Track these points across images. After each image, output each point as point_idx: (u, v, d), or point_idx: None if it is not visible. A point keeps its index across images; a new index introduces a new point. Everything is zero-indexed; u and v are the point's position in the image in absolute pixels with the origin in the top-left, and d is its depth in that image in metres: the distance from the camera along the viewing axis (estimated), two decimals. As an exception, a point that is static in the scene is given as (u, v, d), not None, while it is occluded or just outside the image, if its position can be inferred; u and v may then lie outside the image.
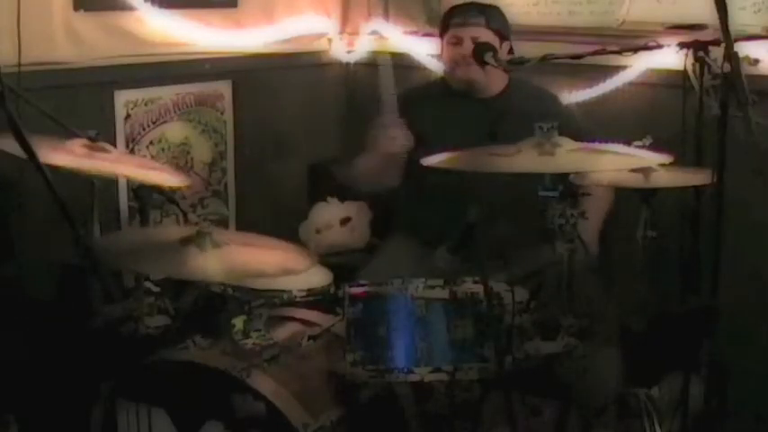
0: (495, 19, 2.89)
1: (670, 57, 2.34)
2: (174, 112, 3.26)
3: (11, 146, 1.44)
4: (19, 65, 2.61)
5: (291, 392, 2.12)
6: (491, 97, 2.94)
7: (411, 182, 2.95)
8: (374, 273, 2.64)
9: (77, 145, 2.30)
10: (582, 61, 2.62)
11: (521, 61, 2.77)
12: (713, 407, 2.14)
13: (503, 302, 2.11)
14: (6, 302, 2.70)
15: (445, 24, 2.95)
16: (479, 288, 2.08)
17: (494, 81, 2.92)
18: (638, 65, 3.06)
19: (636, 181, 2.30)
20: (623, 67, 3.10)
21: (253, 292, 2.27)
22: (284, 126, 3.60)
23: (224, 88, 3.42)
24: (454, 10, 2.95)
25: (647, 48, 2.49)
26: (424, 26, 3.67)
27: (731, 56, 1.88)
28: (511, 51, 2.95)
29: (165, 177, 2.54)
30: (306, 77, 3.74)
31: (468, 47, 2.84)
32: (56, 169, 1.84)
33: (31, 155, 1.44)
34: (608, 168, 2.34)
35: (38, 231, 2.66)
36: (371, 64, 3.75)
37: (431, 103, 2.99)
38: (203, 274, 2.13)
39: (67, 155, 2.23)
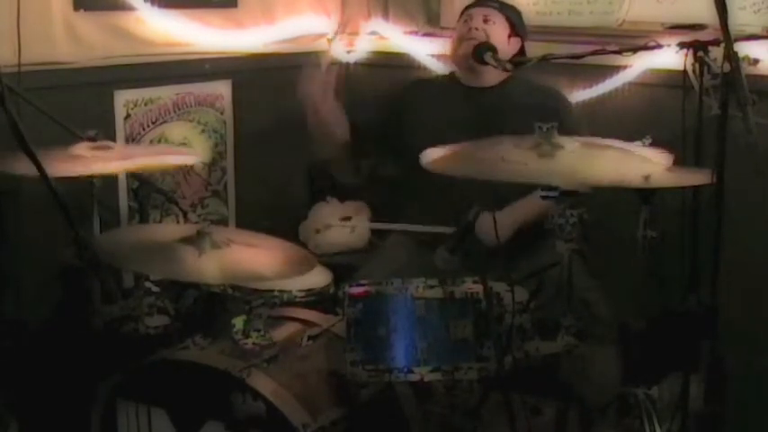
0: (510, 11, 2.96)
1: (670, 57, 2.33)
2: (174, 111, 3.26)
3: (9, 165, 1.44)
4: (19, 65, 2.61)
5: (291, 392, 2.12)
6: (486, 88, 2.96)
7: (411, 181, 2.95)
8: (374, 273, 2.63)
9: (81, 149, 2.31)
10: (582, 61, 2.63)
11: (521, 61, 2.78)
12: (713, 407, 2.13)
13: (502, 302, 2.11)
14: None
15: (461, 15, 3.01)
16: (479, 288, 2.08)
17: (489, 72, 2.92)
18: (638, 65, 3.06)
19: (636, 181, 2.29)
20: (623, 67, 3.10)
21: (253, 292, 2.27)
22: (284, 126, 3.59)
23: (224, 88, 3.41)
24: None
25: (646, 48, 2.49)
26: (423, 26, 3.67)
27: (731, 56, 1.88)
28: (522, 51, 2.98)
29: (182, 158, 2.56)
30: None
31: (477, 21, 2.88)
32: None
33: (31, 155, 1.45)
34: (608, 169, 2.33)
35: (38, 231, 2.66)
36: (371, 64, 3.76)
37: (431, 95, 3.02)
38: (202, 277, 2.13)
39: (74, 161, 2.24)
